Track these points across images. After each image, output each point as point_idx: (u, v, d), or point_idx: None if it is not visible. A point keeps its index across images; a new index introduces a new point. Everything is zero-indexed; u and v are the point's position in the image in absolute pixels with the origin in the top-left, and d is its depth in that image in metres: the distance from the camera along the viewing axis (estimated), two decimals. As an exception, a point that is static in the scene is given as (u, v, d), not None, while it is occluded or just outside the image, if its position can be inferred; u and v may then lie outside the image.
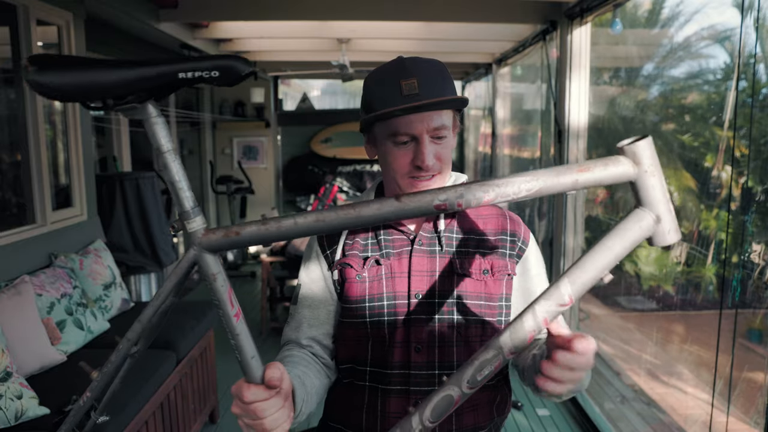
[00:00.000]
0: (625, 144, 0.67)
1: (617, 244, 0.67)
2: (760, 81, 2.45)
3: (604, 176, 0.67)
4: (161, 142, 0.68)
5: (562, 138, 3.30)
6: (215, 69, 0.64)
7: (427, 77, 1.01)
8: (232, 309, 0.72)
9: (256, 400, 0.76)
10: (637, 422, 3.05)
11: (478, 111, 6.81)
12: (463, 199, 0.68)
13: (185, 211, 0.71)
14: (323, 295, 1.13)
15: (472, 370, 0.70)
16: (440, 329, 1.05)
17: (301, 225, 0.69)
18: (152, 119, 0.67)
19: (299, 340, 1.12)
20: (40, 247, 2.69)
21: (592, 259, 0.67)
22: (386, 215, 0.69)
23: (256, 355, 0.75)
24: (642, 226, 0.67)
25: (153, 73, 0.63)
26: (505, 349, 0.69)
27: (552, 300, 0.68)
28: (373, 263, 1.08)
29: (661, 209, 0.67)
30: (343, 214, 0.69)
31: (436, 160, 1.03)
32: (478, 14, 3.65)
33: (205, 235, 0.71)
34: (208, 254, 0.71)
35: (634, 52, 4.10)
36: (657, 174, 0.67)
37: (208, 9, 3.68)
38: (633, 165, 0.67)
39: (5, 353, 1.92)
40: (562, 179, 0.67)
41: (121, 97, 0.64)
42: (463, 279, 1.06)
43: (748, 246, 2.39)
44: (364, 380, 1.09)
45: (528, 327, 0.69)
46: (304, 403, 0.94)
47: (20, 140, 2.76)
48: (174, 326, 2.74)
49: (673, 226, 0.68)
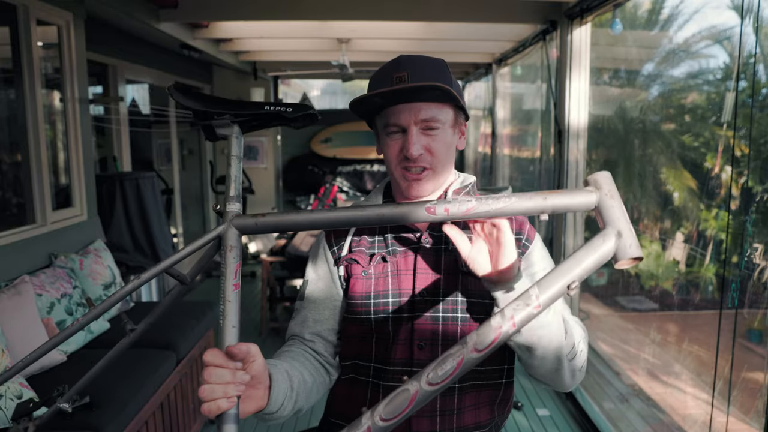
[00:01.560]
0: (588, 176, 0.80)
1: (585, 257, 0.75)
2: (760, 81, 2.45)
3: (570, 201, 0.79)
4: (234, 150, 0.92)
5: (562, 138, 3.30)
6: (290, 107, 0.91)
7: (420, 70, 1.02)
8: (234, 279, 0.82)
9: (210, 363, 0.75)
10: (637, 422, 3.05)
11: (478, 111, 6.81)
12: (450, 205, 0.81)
13: (231, 196, 0.89)
14: (329, 291, 1.14)
15: (434, 365, 0.72)
16: (444, 327, 1.06)
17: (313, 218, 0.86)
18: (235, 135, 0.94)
19: (303, 335, 1.13)
20: (40, 247, 2.69)
21: (562, 270, 0.75)
22: (382, 217, 0.84)
23: (237, 327, 0.81)
24: (606, 241, 0.75)
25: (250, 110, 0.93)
26: (469, 344, 0.72)
27: (521, 301, 0.74)
28: (380, 260, 1.09)
29: (621, 226, 0.76)
30: (344, 213, 0.86)
31: (426, 153, 1.04)
32: (478, 14, 3.65)
33: (237, 216, 0.88)
34: (234, 230, 0.87)
35: (634, 52, 4.10)
36: (616, 197, 0.78)
37: (208, 9, 3.68)
38: (595, 191, 0.79)
39: (5, 353, 1.92)
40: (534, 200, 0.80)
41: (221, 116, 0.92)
42: (467, 277, 1.07)
43: (748, 246, 2.39)
44: (366, 376, 1.10)
45: (494, 324, 0.73)
46: (287, 398, 0.93)
47: (20, 140, 2.76)
48: (174, 326, 2.74)
49: (634, 242, 0.75)
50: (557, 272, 0.75)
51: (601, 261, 0.75)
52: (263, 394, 0.86)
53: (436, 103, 1.03)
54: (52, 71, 3.19)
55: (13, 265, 2.47)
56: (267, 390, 0.87)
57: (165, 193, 5.25)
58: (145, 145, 6.00)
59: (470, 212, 0.79)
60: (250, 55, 5.42)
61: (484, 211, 0.80)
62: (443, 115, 1.04)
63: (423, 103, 1.02)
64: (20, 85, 2.70)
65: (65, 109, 3.09)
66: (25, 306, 2.19)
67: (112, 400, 2.00)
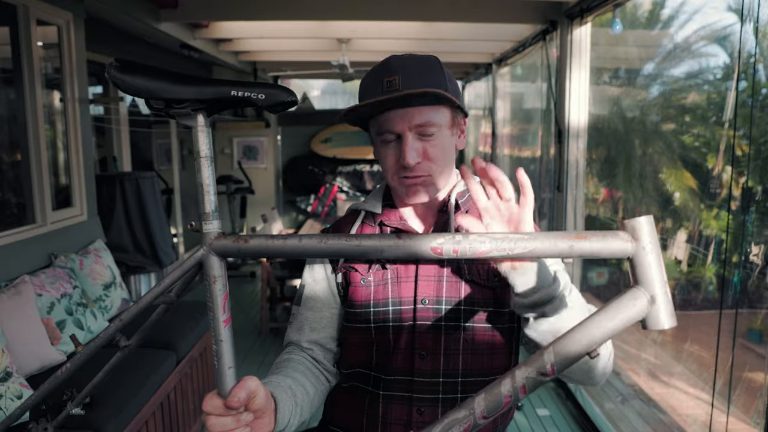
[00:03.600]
0: (626, 221, 0.68)
1: (609, 321, 0.66)
2: (760, 81, 2.45)
3: (601, 248, 0.67)
4: (202, 148, 0.76)
5: (562, 138, 3.30)
6: (262, 93, 0.74)
7: (411, 73, 0.98)
8: (223, 314, 0.75)
9: (212, 413, 0.75)
10: (637, 422, 3.05)
11: (479, 111, 6.82)
12: (459, 245, 0.70)
13: (205, 213, 0.76)
14: (326, 298, 1.11)
15: (440, 428, 0.69)
16: (446, 336, 1.03)
17: (304, 245, 0.74)
18: (199, 126, 0.76)
19: (300, 343, 1.11)
20: (40, 247, 2.69)
21: (581, 333, 0.67)
22: (384, 249, 0.72)
23: (233, 367, 0.76)
24: (636, 304, 0.66)
25: (211, 91, 0.74)
26: (477, 411, 0.68)
27: (533, 367, 0.67)
28: (379, 267, 1.06)
29: (656, 290, 0.66)
30: (345, 241, 0.74)
31: (424, 159, 1.00)
32: (478, 14, 3.65)
33: (216, 239, 0.76)
34: (215, 257, 0.75)
35: (634, 52, 4.10)
36: (655, 253, 0.66)
37: (208, 9, 3.68)
38: (631, 241, 0.67)
39: (5, 353, 1.92)
40: (559, 244, 0.68)
41: (179, 102, 0.74)
42: (471, 285, 1.04)
43: (748, 246, 2.39)
44: (366, 385, 1.07)
45: (504, 391, 0.67)
46: (292, 416, 0.92)
47: (20, 140, 2.76)
48: (174, 326, 2.74)
49: (668, 310, 0.66)
50: (576, 335, 0.67)
51: (627, 325, 0.66)
52: (269, 420, 0.84)
53: (431, 106, 0.98)
54: (52, 71, 3.19)
55: (13, 265, 2.47)
56: (273, 414, 0.86)
57: (165, 193, 5.26)
58: (145, 145, 6.00)
59: (483, 255, 0.70)
60: (250, 55, 5.42)
61: (500, 255, 0.70)
62: (439, 117, 0.99)
63: (416, 107, 0.98)
64: (20, 85, 2.70)
65: (65, 109, 3.09)
66: (25, 306, 2.19)
67: (112, 400, 2.00)
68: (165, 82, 0.72)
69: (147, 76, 0.72)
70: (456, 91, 1.03)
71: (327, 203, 6.20)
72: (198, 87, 0.73)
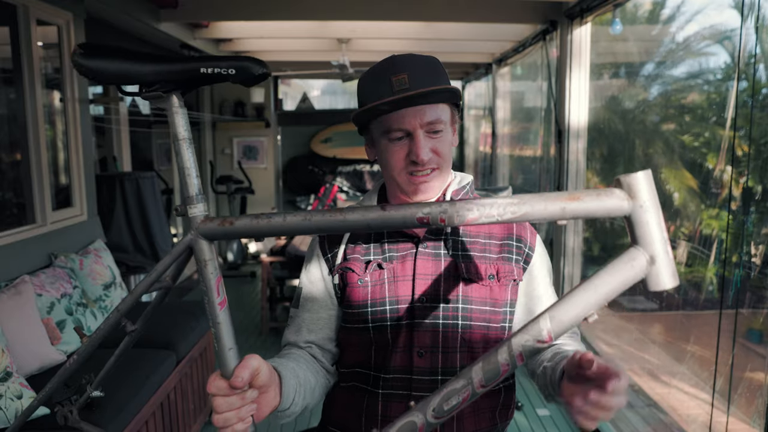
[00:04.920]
0: (622, 176, 0.63)
1: (606, 283, 0.63)
2: (760, 81, 2.45)
3: (596, 208, 0.63)
4: (179, 130, 0.74)
5: (562, 138, 3.30)
6: (232, 68, 0.71)
7: (418, 71, 1.00)
8: (217, 297, 0.74)
9: (217, 394, 0.76)
10: (637, 422, 3.05)
11: (479, 111, 6.81)
12: (447, 215, 0.66)
13: (189, 196, 0.75)
14: (323, 299, 1.12)
15: (439, 399, 0.68)
16: (444, 334, 1.04)
17: (289, 222, 0.72)
18: (174, 108, 0.73)
19: (298, 344, 1.11)
20: (40, 247, 2.69)
21: (577, 297, 0.64)
22: (370, 222, 0.69)
23: (234, 348, 0.76)
24: (634, 266, 0.62)
25: (179, 67, 0.71)
26: (475, 381, 0.67)
27: (529, 335, 0.65)
28: (376, 267, 1.07)
29: (656, 249, 0.62)
30: (329, 216, 0.70)
31: (434, 155, 1.02)
32: (478, 14, 3.65)
33: (203, 222, 0.75)
34: (204, 240, 0.74)
35: (635, 52, 4.10)
36: (654, 210, 0.62)
37: (209, 9, 3.68)
38: (628, 198, 0.62)
39: (5, 353, 1.92)
40: (550, 206, 0.64)
41: (150, 85, 0.72)
42: (468, 283, 1.05)
43: (748, 246, 2.39)
44: (365, 384, 1.08)
45: (501, 360, 0.66)
46: (296, 394, 0.92)
47: (20, 140, 2.76)
48: (174, 326, 2.74)
49: (669, 269, 0.62)
50: (572, 299, 0.64)
51: (625, 287, 0.63)
52: (275, 394, 0.86)
53: (438, 104, 1.01)
54: (52, 71, 3.19)
55: (13, 265, 2.47)
56: (278, 388, 0.87)
57: (165, 193, 5.25)
58: (145, 145, 6.00)
59: (473, 222, 0.66)
60: (250, 55, 5.41)
61: (488, 220, 0.66)
62: (445, 115, 1.03)
63: (427, 105, 1.00)
64: (20, 85, 2.70)
65: (65, 109, 3.09)
66: (25, 306, 2.19)
67: (112, 400, 2.00)
68: (131, 64, 0.70)
69: (112, 60, 0.69)
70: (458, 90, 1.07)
71: (327, 203, 6.20)
72: (166, 66, 0.70)
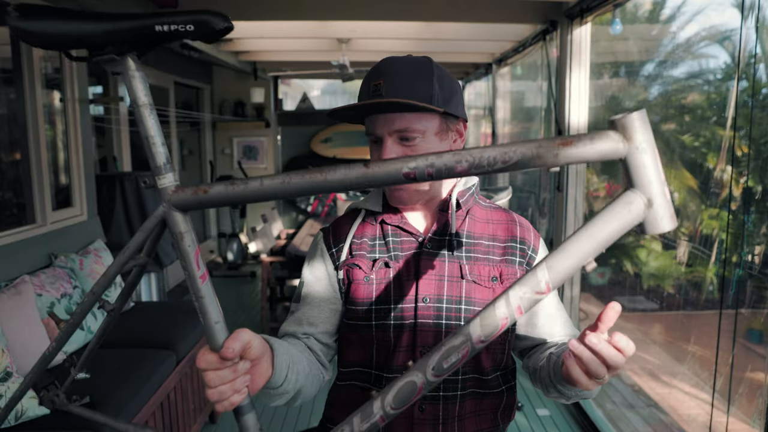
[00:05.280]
0: (616, 118, 0.60)
1: (602, 229, 0.61)
2: (761, 81, 2.45)
3: (590, 151, 0.60)
4: (138, 95, 0.68)
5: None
6: (191, 23, 0.65)
7: (396, 78, 0.98)
8: (198, 270, 0.71)
9: (208, 368, 0.74)
10: (637, 422, 3.05)
11: (479, 111, 6.82)
12: (434, 168, 0.63)
13: (157, 166, 0.70)
14: (326, 294, 1.12)
15: (438, 356, 0.66)
16: (446, 335, 1.04)
17: (267, 186, 0.68)
18: (130, 72, 0.67)
19: (296, 335, 1.11)
20: (40, 247, 2.69)
21: (574, 245, 0.61)
22: (352, 182, 0.66)
23: (221, 321, 0.73)
24: (631, 210, 0.60)
25: (130, 25, 0.64)
26: (473, 336, 0.65)
27: (527, 286, 0.63)
28: (382, 265, 1.07)
29: (653, 191, 0.59)
30: (309, 177, 0.67)
31: None
32: (478, 14, 3.65)
33: (174, 192, 0.70)
34: (177, 212, 0.70)
35: (635, 52, 4.10)
36: (650, 151, 0.60)
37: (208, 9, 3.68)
38: (623, 140, 0.60)
39: (5, 353, 1.92)
40: (543, 153, 0.61)
41: (101, 48, 0.65)
42: (471, 285, 1.05)
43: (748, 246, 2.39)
44: (367, 383, 1.08)
45: (500, 314, 0.64)
46: (289, 370, 0.90)
47: (20, 140, 2.76)
48: (174, 326, 2.74)
49: (668, 212, 0.60)
50: (569, 248, 0.61)
51: (622, 232, 0.61)
52: (267, 365, 0.85)
53: (414, 113, 0.98)
54: (52, 71, 3.19)
55: (13, 265, 2.47)
56: (270, 360, 0.86)
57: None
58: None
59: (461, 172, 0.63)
60: (250, 55, 5.41)
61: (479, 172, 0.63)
62: (422, 124, 0.99)
63: (397, 113, 0.98)
64: (20, 85, 2.70)
65: (65, 109, 3.09)
66: (25, 306, 2.19)
67: (112, 400, 2.00)
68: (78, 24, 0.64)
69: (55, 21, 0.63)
70: (448, 95, 1.02)
71: (327, 203, 6.21)
72: (116, 24, 0.65)
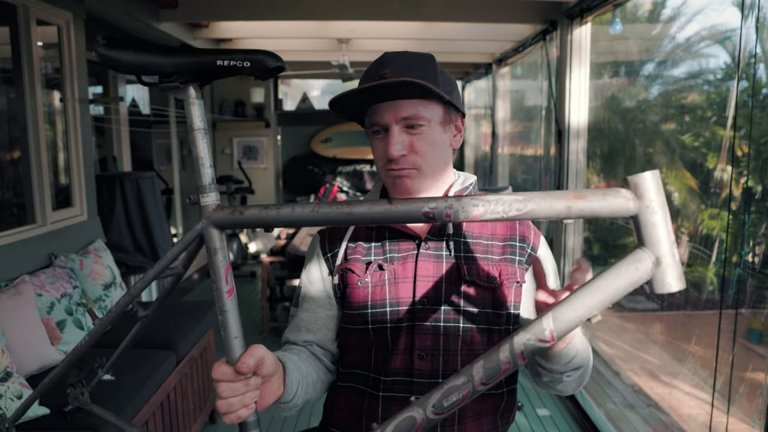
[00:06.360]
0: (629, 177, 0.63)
1: (610, 285, 0.63)
2: (761, 81, 2.45)
3: (602, 207, 0.63)
4: (194, 120, 0.76)
5: (562, 138, 3.30)
6: (248, 61, 0.74)
7: (402, 67, 0.98)
8: (226, 285, 0.76)
9: (222, 379, 0.77)
10: (637, 422, 3.05)
11: (479, 111, 6.82)
12: (452, 210, 0.67)
13: (203, 185, 0.77)
14: (323, 299, 1.11)
15: (439, 395, 0.68)
16: (445, 337, 1.03)
17: (297, 214, 0.73)
18: (191, 99, 0.76)
19: (297, 343, 1.11)
20: (40, 247, 2.69)
21: (581, 298, 0.64)
22: (375, 216, 0.70)
23: (240, 336, 0.78)
24: (639, 268, 0.62)
25: (196, 59, 0.74)
26: (475, 378, 0.67)
27: (531, 333, 0.65)
28: (376, 268, 1.05)
29: (662, 251, 0.61)
30: (336, 209, 0.72)
31: (410, 153, 0.99)
32: (478, 14, 3.65)
33: (214, 211, 0.77)
34: (214, 229, 0.77)
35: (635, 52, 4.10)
36: (661, 212, 0.62)
37: (208, 9, 3.68)
38: (634, 199, 0.62)
39: (5, 353, 1.92)
40: (555, 204, 0.65)
41: (169, 76, 0.75)
42: (470, 286, 1.03)
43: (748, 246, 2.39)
44: (365, 386, 1.07)
45: (503, 358, 0.66)
46: (299, 386, 0.93)
47: (20, 140, 2.76)
48: (174, 326, 2.74)
49: (675, 272, 0.61)
50: (575, 300, 0.64)
51: (630, 290, 0.63)
52: (279, 384, 0.87)
53: (420, 99, 0.98)
54: (52, 71, 3.19)
55: (13, 265, 2.46)
56: (282, 379, 0.88)
57: (165, 193, 5.25)
58: (145, 145, 6.00)
59: (477, 218, 0.66)
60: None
61: (493, 217, 0.66)
62: (428, 112, 0.99)
63: (404, 100, 0.98)
64: (20, 85, 2.70)
65: (65, 109, 3.09)
66: (25, 306, 2.19)
67: (112, 400, 2.00)
68: (152, 56, 0.73)
69: (135, 52, 0.73)
70: (449, 88, 1.02)
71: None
72: (184, 58, 0.74)
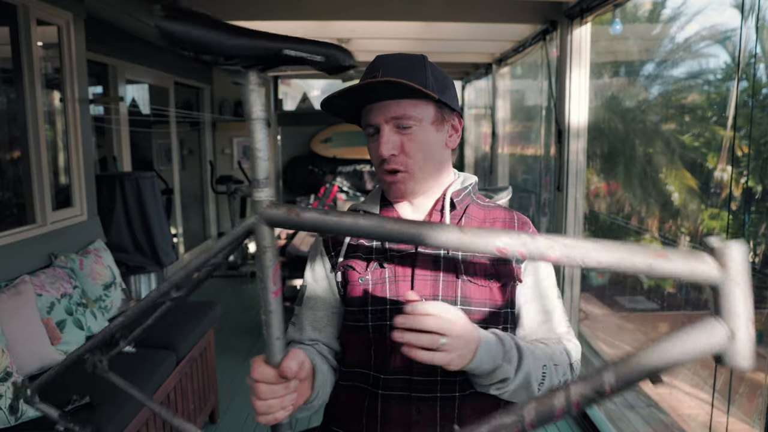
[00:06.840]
0: (715, 243, 0.60)
1: (677, 348, 0.60)
2: (761, 81, 2.45)
3: (683, 270, 0.60)
4: (253, 109, 0.70)
5: (562, 138, 3.30)
6: (321, 54, 0.66)
7: (391, 68, 0.99)
8: (273, 285, 0.73)
9: (262, 380, 0.77)
10: (637, 422, 3.05)
11: (479, 111, 6.82)
12: (526, 248, 0.64)
13: (257, 179, 0.72)
14: (327, 297, 1.12)
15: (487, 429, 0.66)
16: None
17: (360, 225, 0.68)
18: (251, 86, 0.69)
19: (302, 341, 1.12)
20: (40, 247, 2.69)
21: (645, 358, 0.62)
22: (446, 243, 0.66)
23: (282, 338, 0.75)
24: (711, 339, 0.59)
25: (262, 43, 0.66)
26: (526, 419, 0.65)
27: (590, 385, 0.63)
28: (377, 266, 1.06)
29: (738, 325, 0.58)
30: (405, 227, 0.67)
31: (401, 153, 1.01)
32: (478, 14, 3.65)
33: (268, 207, 0.72)
34: (266, 226, 0.73)
35: (635, 52, 4.10)
36: (743, 285, 0.58)
37: (208, 9, 3.68)
38: (718, 268, 0.59)
39: (5, 353, 1.92)
40: (637, 261, 0.62)
41: (230, 58, 0.67)
42: (467, 284, 1.04)
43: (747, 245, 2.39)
44: (365, 384, 1.07)
45: (557, 404, 0.64)
46: (321, 389, 0.95)
47: (20, 140, 2.76)
48: (174, 326, 2.73)
49: (748, 350, 0.59)
50: (640, 357, 0.62)
51: (696, 358, 0.60)
52: (308, 386, 0.89)
53: (409, 99, 0.99)
54: (52, 71, 3.19)
55: (13, 265, 2.46)
56: (311, 381, 0.90)
57: (165, 193, 5.25)
58: (145, 145, 6.00)
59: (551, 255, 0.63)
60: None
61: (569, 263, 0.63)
62: (418, 111, 1.00)
63: (393, 100, 0.99)
64: (20, 85, 2.70)
65: (65, 109, 3.09)
66: (25, 306, 2.19)
67: (112, 400, 2.00)
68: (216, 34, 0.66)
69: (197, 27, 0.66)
70: (442, 87, 1.03)
71: (327, 203, 6.20)
72: (250, 41, 0.66)
